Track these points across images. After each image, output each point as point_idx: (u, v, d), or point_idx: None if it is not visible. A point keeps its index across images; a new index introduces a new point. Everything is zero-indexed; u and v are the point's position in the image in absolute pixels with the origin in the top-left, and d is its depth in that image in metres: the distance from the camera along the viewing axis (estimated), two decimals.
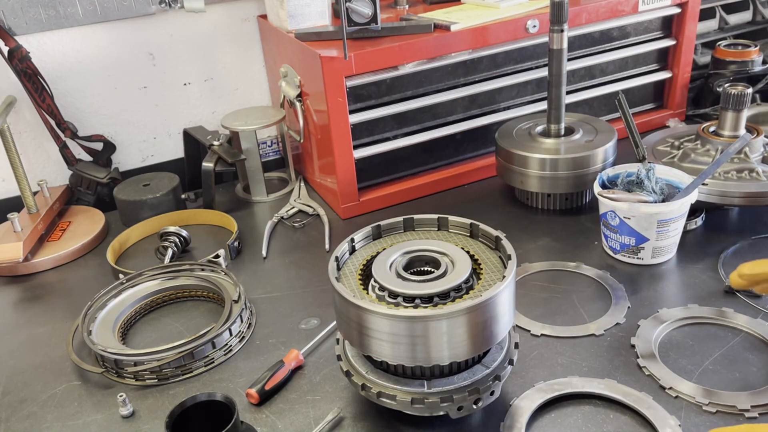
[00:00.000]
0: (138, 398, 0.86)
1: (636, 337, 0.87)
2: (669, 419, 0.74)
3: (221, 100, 1.47)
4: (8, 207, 1.27)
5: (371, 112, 1.22)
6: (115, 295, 1.02)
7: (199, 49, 1.41)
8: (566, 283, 1.01)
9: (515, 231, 1.15)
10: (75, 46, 1.31)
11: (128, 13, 1.32)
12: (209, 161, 1.28)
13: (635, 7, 1.33)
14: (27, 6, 1.24)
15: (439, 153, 1.33)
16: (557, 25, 1.11)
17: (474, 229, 0.81)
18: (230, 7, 1.40)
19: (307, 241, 1.20)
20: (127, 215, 1.29)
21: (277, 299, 1.04)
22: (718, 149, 1.12)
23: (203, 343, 0.90)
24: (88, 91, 1.36)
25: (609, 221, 1.03)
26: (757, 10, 1.59)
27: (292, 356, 0.88)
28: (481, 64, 1.29)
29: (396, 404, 0.73)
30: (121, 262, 1.19)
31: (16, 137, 1.27)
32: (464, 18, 1.23)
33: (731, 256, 1.03)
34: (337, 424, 0.79)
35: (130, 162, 1.44)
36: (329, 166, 1.24)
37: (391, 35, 1.19)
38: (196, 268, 1.07)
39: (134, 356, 0.89)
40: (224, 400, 0.71)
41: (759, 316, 0.89)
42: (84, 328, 0.94)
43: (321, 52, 1.13)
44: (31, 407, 0.87)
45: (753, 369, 0.81)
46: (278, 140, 1.51)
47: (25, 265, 1.17)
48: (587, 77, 1.41)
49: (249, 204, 1.37)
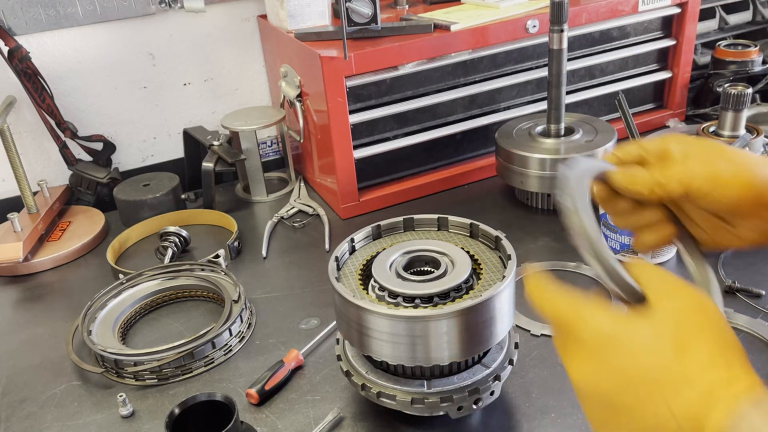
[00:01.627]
0: (138, 398, 0.86)
1: None
2: None
3: (221, 100, 1.47)
4: (8, 207, 1.27)
5: (371, 112, 1.22)
6: (115, 295, 1.02)
7: (199, 49, 1.41)
8: (566, 283, 1.00)
9: (515, 231, 1.15)
10: (75, 46, 1.31)
11: (128, 13, 1.32)
12: (209, 161, 1.28)
13: (635, 7, 1.33)
14: (27, 6, 1.24)
15: (439, 153, 1.33)
16: (557, 25, 1.11)
17: (474, 229, 0.80)
18: (230, 7, 1.40)
19: (307, 241, 1.20)
20: (127, 215, 1.29)
21: (277, 299, 1.04)
22: None
23: (203, 343, 0.90)
24: (88, 91, 1.36)
25: (609, 221, 1.03)
26: (757, 10, 1.59)
27: (292, 356, 0.88)
28: (481, 64, 1.29)
29: (396, 404, 0.73)
30: (121, 262, 1.19)
31: (16, 137, 1.27)
32: (464, 18, 1.23)
33: (731, 256, 1.03)
34: (337, 424, 0.79)
35: (130, 162, 1.44)
36: (329, 166, 1.24)
37: (391, 35, 1.19)
38: (196, 268, 1.07)
39: (134, 356, 0.89)
40: (224, 400, 0.71)
41: (759, 316, 0.89)
42: (84, 328, 0.94)
43: (321, 52, 1.13)
44: (31, 407, 0.87)
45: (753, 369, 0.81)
46: (278, 140, 1.51)
47: (25, 265, 1.17)
48: (587, 77, 1.41)
49: (249, 204, 1.37)
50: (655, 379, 0.42)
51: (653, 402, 0.42)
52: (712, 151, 0.54)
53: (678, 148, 0.55)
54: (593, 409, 0.45)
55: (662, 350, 0.43)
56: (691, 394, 0.41)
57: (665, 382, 0.42)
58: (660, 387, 0.42)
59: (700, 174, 0.53)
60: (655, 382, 0.42)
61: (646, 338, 0.44)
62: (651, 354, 0.43)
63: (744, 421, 0.39)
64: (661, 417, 0.41)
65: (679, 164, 0.54)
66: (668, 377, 0.42)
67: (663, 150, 0.55)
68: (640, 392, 0.42)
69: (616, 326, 0.45)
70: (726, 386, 0.41)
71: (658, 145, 0.56)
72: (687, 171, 0.54)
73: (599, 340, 0.45)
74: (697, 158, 0.54)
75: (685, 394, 0.41)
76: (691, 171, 0.53)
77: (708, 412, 0.40)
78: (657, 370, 0.42)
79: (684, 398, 0.41)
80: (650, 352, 0.43)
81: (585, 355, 0.45)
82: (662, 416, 0.41)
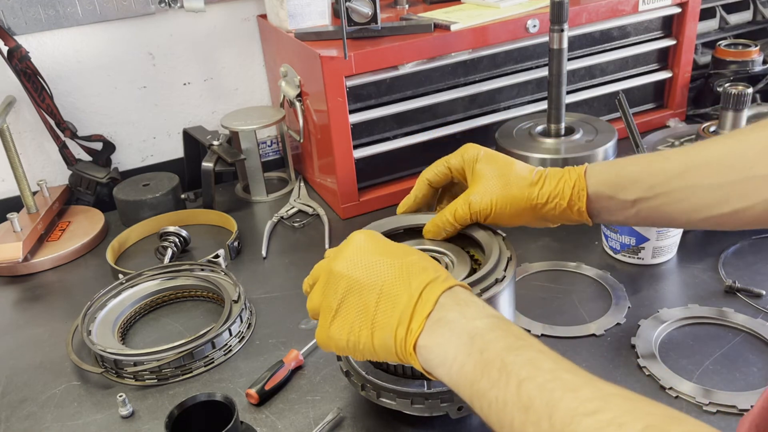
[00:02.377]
0: (138, 398, 0.86)
1: (636, 337, 0.87)
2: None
3: (221, 100, 1.47)
4: (8, 207, 1.27)
5: (371, 112, 1.22)
6: (114, 295, 1.02)
7: (199, 49, 1.41)
8: (566, 283, 1.01)
9: (515, 231, 1.14)
10: (75, 45, 1.31)
11: (128, 13, 1.32)
12: (209, 161, 1.28)
13: (635, 7, 1.33)
14: (26, 6, 1.24)
15: (439, 153, 1.31)
16: (557, 25, 1.10)
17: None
18: (230, 7, 1.40)
19: (307, 241, 1.20)
20: (126, 215, 1.29)
21: (277, 299, 1.04)
22: None
23: (203, 343, 0.90)
24: (88, 91, 1.36)
25: None
26: (757, 10, 1.59)
27: (292, 356, 0.87)
28: (481, 63, 1.28)
29: (396, 404, 0.73)
30: (120, 262, 1.19)
31: (16, 137, 1.27)
32: (464, 18, 1.23)
33: (731, 255, 1.03)
34: (337, 424, 0.79)
35: (130, 162, 1.44)
36: (329, 166, 1.24)
37: (391, 35, 1.19)
38: (196, 268, 1.07)
39: (134, 356, 0.89)
40: (224, 400, 0.71)
41: (759, 316, 0.89)
42: (84, 328, 0.94)
43: (321, 52, 1.13)
44: (31, 407, 0.87)
45: (753, 369, 0.81)
46: (278, 140, 1.51)
47: (24, 265, 1.17)
48: (587, 77, 1.41)
49: (249, 204, 1.37)
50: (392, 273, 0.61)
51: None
52: (504, 171, 0.75)
53: (478, 168, 0.76)
54: (342, 287, 0.63)
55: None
56: (413, 282, 0.60)
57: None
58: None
59: (497, 200, 0.74)
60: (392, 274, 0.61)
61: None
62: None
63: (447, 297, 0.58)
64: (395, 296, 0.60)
65: (479, 194, 0.75)
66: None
67: (465, 169, 0.78)
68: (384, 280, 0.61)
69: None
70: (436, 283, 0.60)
71: (460, 164, 0.78)
72: (485, 202, 0.74)
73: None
74: (493, 182, 0.74)
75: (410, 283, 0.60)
76: (490, 200, 0.74)
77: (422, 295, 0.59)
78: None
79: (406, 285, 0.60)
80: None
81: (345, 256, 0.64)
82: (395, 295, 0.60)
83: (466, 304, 0.58)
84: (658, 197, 0.69)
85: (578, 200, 0.73)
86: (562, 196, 0.73)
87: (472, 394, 0.53)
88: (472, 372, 0.53)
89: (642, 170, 0.71)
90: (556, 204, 0.74)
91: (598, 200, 0.73)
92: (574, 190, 0.73)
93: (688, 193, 0.67)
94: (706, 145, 0.68)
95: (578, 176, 0.73)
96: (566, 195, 0.73)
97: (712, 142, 0.69)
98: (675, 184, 0.68)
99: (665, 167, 0.69)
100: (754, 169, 0.63)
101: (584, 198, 0.73)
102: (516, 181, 0.74)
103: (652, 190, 0.69)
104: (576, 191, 0.73)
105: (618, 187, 0.72)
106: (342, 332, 0.62)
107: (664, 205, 0.69)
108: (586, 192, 0.73)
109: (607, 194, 0.72)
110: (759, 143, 0.63)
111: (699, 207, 0.67)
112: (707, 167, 0.66)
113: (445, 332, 0.56)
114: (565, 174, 0.74)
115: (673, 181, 0.68)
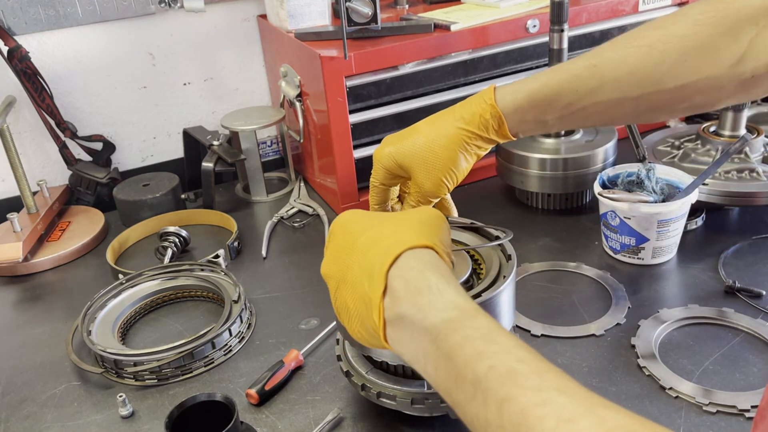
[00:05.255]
0: (138, 398, 0.86)
1: (636, 337, 0.87)
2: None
3: (221, 100, 1.47)
4: (8, 207, 1.27)
5: (371, 112, 1.22)
6: (114, 296, 1.02)
7: (199, 49, 1.41)
8: (566, 283, 1.01)
9: (515, 231, 1.14)
10: (75, 46, 1.31)
11: (128, 13, 1.32)
12: (209, 161, 1.28)
13: (635, 7, 1.33)
14: (26, 6, 1.24)
15: None
16: (557, 25, 1.11)
17: (474, 229, 0.80)
18: (230, 7, 1.40)
19: (307, 241, 1.20)
20: (126, 215, 1.29)
21: (277, 299, 1.04)
22: (719, 149, 1.12)
23: (203, 343, 0.90)
24: (88, 91, 1.36)
25: (609, 221, 1.02)
26: None
27: (292, 356, 0.87)
28: (481, 64, 1.28)
29: (396, 404, 0.73)
30: (120, 262, 1.19)
31: (16, 137, 1.27)
32: (464, 18, 1.23)
33: (732, 256, 1.03)
34: (337, 424, 0.79)
35: (130, 162, 1.44)
36: (329, 166, 1.24)
37: (391, 35, 1.19)
38: (196, 268, 1.07)
39: (134, 356, 0.89)
40: (224, 400, 0.71)
41: (759, 316, 0.89)
42: (84, 329, 0.94)
43: (321, 52, 1.13)
44: (31, 407, 0.87)
45: (753, 369, 0.81)
46: (278, 140, 1.51)
47: (24, 265, 1.17)
48: None
49: (249, 204, 1.37)
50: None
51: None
52: (429, 158, 0.80)
53: (407, 163, 0.81)
54: (336, 247, 0.62)
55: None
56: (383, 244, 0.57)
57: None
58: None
59: (428, 185, 0.79)
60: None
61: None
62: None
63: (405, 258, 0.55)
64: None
65: (416, 183, 0.79)
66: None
67: (399, 167, 0.82)
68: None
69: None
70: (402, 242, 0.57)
71: (392, 164, 0.83)
72: (422, 188, 0.79)
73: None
74: (421, 168, 0.80)
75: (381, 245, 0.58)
76: (423, 184, 0.79)
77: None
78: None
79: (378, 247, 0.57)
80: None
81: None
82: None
83: (418, 290, 0.52)
84: (574, 114, 0.72)
85: (498, 128, 0.79)
86: (483, 127, 0.79)
87: (452, 403, 0.48)
88: (445, 380, 0.48)
89: (555, 90, 0.72)
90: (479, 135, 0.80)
91: (516, 125, 0.77)
92: (491, 120, 0.78)
93: (602, 107, 0.71)
94: (615, 55, 0.69)
95: (491, 107, 0.79)
96: (488, 126, 0.79)
97: (620, 47, 0.70)
98: (588, 100, 0.71)
99: (577, 86, 0.71)
100: (663, 82, 0.66)
101: (505, 126, 0.77)
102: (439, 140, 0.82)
103: (567, 109, 0.72)
104: (494, 119, 0.78)
105: (535, 110, 0.74)
106: (351, 331, 0.61)
107: (581, 120, 0.73)
108: (503, 120, 0.77)
109: (523, 119, 0.76)
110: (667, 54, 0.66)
111: (616, 118, 0.73)
112: (617, 82, 0.69)
113: (406, 329, 0.52)
114: (476, 107, 0.81)
115: (586, 98, 0.71)
